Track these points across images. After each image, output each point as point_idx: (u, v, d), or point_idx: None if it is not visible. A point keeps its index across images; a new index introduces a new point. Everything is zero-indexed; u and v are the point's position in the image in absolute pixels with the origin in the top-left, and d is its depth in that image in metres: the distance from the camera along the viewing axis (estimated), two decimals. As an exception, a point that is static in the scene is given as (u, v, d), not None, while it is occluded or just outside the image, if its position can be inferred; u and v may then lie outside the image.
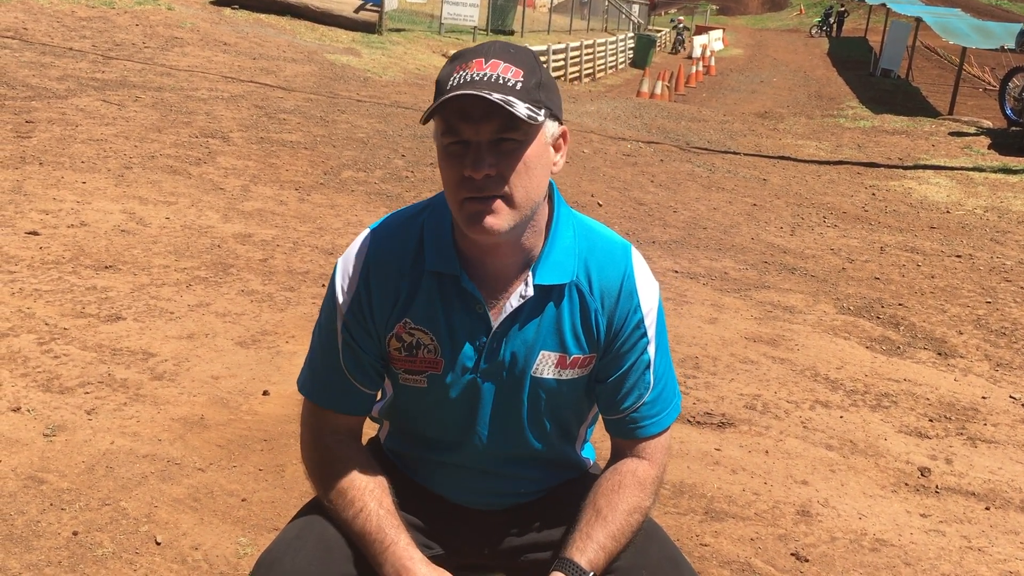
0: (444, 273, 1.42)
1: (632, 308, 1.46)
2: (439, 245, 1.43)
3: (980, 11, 29.78)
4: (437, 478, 1.57)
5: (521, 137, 1.30)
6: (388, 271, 1.44)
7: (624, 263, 1.47)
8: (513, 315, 1.42)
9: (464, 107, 1.27)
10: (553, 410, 1.50)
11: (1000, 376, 4.33)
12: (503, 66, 1.29)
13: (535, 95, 1.29)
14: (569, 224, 1.47)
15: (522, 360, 1.44)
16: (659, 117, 12.18)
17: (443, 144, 1.31)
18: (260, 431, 3.05)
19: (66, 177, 5.62)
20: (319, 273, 4.65)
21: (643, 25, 36.68)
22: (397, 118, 9.13)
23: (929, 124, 13.60)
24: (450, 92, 1.26)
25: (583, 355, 1.46)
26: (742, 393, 3.82)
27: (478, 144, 1.29)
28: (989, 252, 6.70)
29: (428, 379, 1.46)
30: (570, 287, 1.44)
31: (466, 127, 1.28)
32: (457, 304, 1.42)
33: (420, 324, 1.43)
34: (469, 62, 1.30)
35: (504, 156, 1.29)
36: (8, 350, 3.39)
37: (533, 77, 1.30)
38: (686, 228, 6.57)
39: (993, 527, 2.97)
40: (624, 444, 1.52)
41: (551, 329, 1.44)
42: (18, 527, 2.41)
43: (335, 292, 1.46)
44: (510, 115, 1.26)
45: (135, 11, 12.60)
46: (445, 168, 1.32)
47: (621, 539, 1.41)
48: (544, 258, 1.42)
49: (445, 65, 1.34)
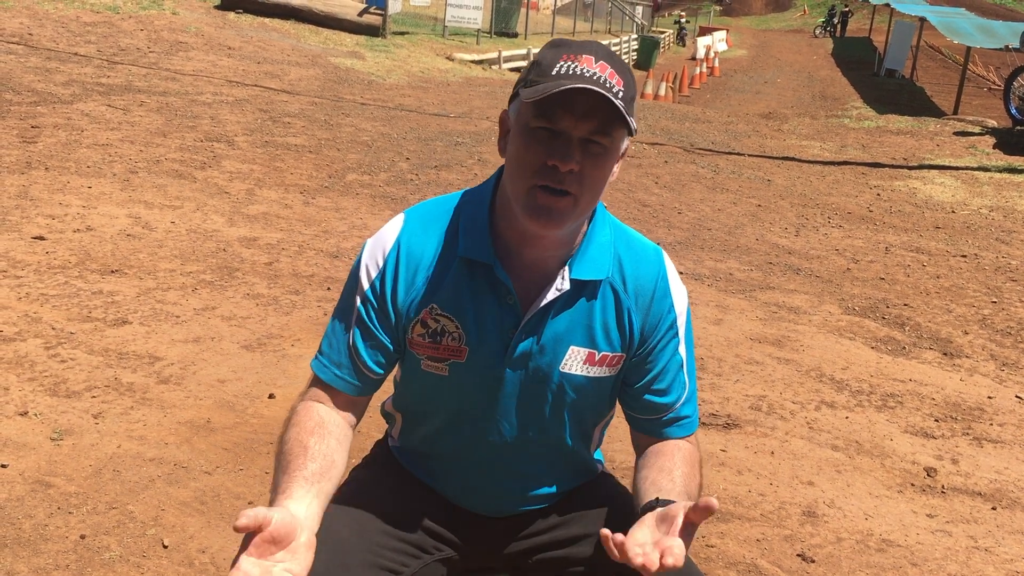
0: (476, 261, 1.40)
1: (666, 309, 1.47)
2: (474, 232, 1.41)
3: (985, 10, 29.71)
4: (449, 480, 1.55)
5: (609, 143, 1.30)
6: (419, 256, 1.43)
7: (659, 265, 1.48)
8: (545, 308, 1.41)
9: (569, 97, 1.26)
10: (576, 408, 1.49)
11: (1006, 376, 4.32)
12: (610, 70, 1.28)
13: (630, 107, 1.30)
14: (606, 224, 1.47)
15: (550, 355, 1.43)
16: (663, 118, 12.18)
17: (531, 126, 1.29)
18: (266, 434, 3.06)
19: (72, 182, 5.65)
20: (324, 276, 4.66)
21: (647, 27, 36.70)
22: (401, 121, 9.15)
23: (934, 124, 13.58)
24: (562, 79, 1.25)
25: (612, 353, 1.45)
26: (747, 394, 3.82)
27: (570, 138, 1.28)
28: (994, 252, 6.69)
29: (450, 367, 1.44)
30: (604, 284, 1.44)
31: (566, 117, 1.27)
32: (487, 293, 1.41)
33: (447, 311, 1.42)
34: (579, 55, 1.29)
35: (589, 157, 1.29)
36: (15, 354, 3.41)
37: (631, 90, 1.31)
38: (691, 229, 6.57)
39: (1000, 527, 2.97)
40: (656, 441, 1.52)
41: (583, 325, 1.43)
42: (26, 531, 2.42)
43: (359, 271, 1.45)
44: (608, 119, 1.27)
45: (140, 16, 12.64)
46: (524, 150, 1.30)
47: (691, 484, 1.40)
48: (581, 253, 1.42)
49: (547, 49, 1.33)
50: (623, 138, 1.33)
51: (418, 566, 1.48)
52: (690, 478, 1.41)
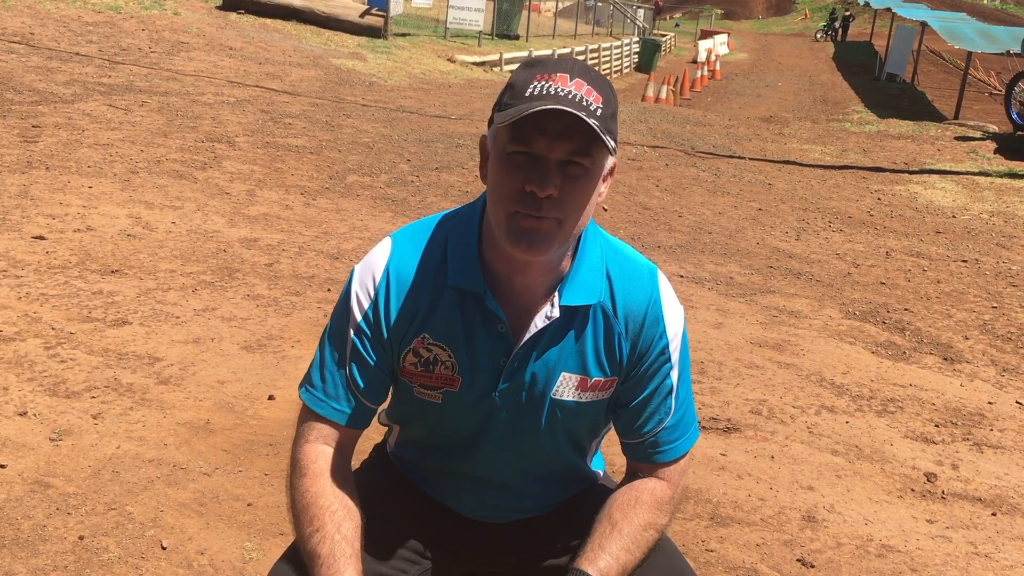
0: (467, 291, 1.38)
1: (658, 334, 1.42)
2: (463, 260, 1.38)
3: (986, 15, 29.74)
4: (444, 489, 1.55)
5: (589, 164, 1.25)
6: (409, 283, 1.39)
7: (651, 287, 1.43)
8: (536, 336, 1.38)
9: (542, 120, 1.21)
10: (569, 430, 1.48)
11: (1006, 381, 4.32)
12: (587, 88, 1.23)
13: (610, 124, 1.25)
14: (596, 244, 1.43)
15: (542, 382, 1.41)
16: (664, 121, 12.18)
17: (507, 151, 1.25)
18: (265, 436, 3.06)
19: (72, 182, 5.64)
20: (325, 278, 4.66)
21: (648, 29, 36.72)
22: (403, 123, 9.15)
23: (935, 128, 13.58)
24: (534, 100, 1.21)
25: (604, 378, 1.43)
26: (748, 398, 3.81)
27: (547, 161, 1.23)
28: (995, 257, 6.69)
29: (443, 395, 1.42)
30: (595, 309, 1.40)
31: (541, 141, 1.22)
32: (479, 322, 1.38)
33: (439, 340, 1.39)
34: (552, 74, 1.24)
35: (569, 180, 1.24)
36: (15, 354, 3.40)
37: (610, 106, 1.26)
38: (691, 233, 6.57)
39: (999, 533, 2.96)
40: (641, 468, 1.48)
41: (573, 351, 1.40)
42: (24, 531, 2.42)
43: (349, 301, 1.41)
44: (587, 140, 1.22)
45: (141, 16, 12.65)
46: (501, 176, 1.26)
47: (635, 552, 1.37)
48: (571, 278, 1.38)
49: (521, 69, 1.29)
50: (605, 156, 1.28)
51: (416, 572, 1.48)
52: (642, 532, 1.39)
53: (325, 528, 1.33)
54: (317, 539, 1.32)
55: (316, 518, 1.34)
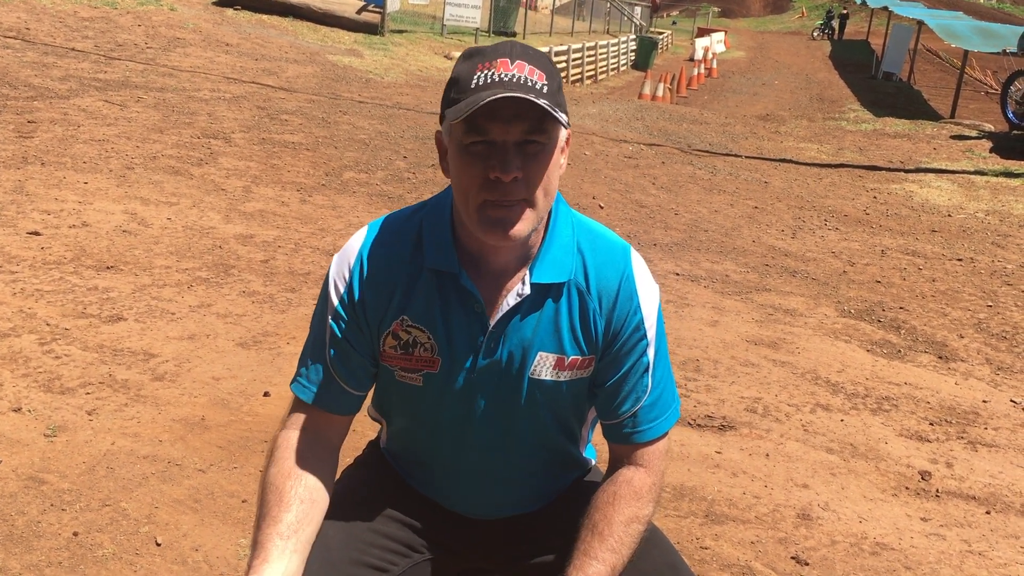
0: (443, 271, 1.39)
1: (632, 310, 1.42)
2: (438, 242, 1.40)
3: (982, 14, 29.78)
4: (437, 485, 1.55)
5: (545, 140, 1.28)
6: (385, 267, 1.41)
7: (624, 264, 1.44)
8: (509, 314, 1.40)
9: (493, 107, 1.23)
10: (553, 411, 1.47)
11: (1001, 380, 4.33)
12: (528, 68, 1.27)
13: (557, 98, 1.28)
14: (568, 223, 1.44)
15: (519, 361, 1.41)
16: (661, 119, 12.18)
17: (464, 143, 1.28)
18: (261, 432, 3.06)
19: (68, 177, 5.63)
20: (320, 274, 4.65)
21: (645, 27, 36.70)
22: (399, 119, 9.14)
23: (931, 127, 13.60)
24: (481, 91, 1.23)
25: (581, 357, 1.43)
26: (743, 396, 3.82)
27: (505, 145, 1.26)
28: (990, 256, 6.70)
29: (424, 378, 1.43)
30: (568, 286, 1.41)
31: (495, 127, 1.25)
32: (455, 302, 1.40)
33: (418, 322, 1.41)
34: (493, 61, 1.27)
35: (529, 159, 1.28)
36: (9, 350, 3.40)
37: (554, 81, 1.29)
38: (687, 230, 6.57)
39: (994, 531, 2.97)
40: (621, 450, 1.48)
41: (549, 329, 1.41)
42: (19, 527, 2.41)
43: (328, 289, 1.44)
44: (538, 118, 1.25)
45: (137, 12, 12.61)
46: (463, 168, 1.29)
47: (622, 551, 1.37)
48: (542, 256, 1.40)
49: (461, 62, 1.31)
50: (559, 129, 1.31)
51: (407, 565, 1.48)
52: (625, 528, 1.38)
53: (275, 511, 1.35)
54: (266, 522, 1.34)
55: (270, 499, 1.37)
